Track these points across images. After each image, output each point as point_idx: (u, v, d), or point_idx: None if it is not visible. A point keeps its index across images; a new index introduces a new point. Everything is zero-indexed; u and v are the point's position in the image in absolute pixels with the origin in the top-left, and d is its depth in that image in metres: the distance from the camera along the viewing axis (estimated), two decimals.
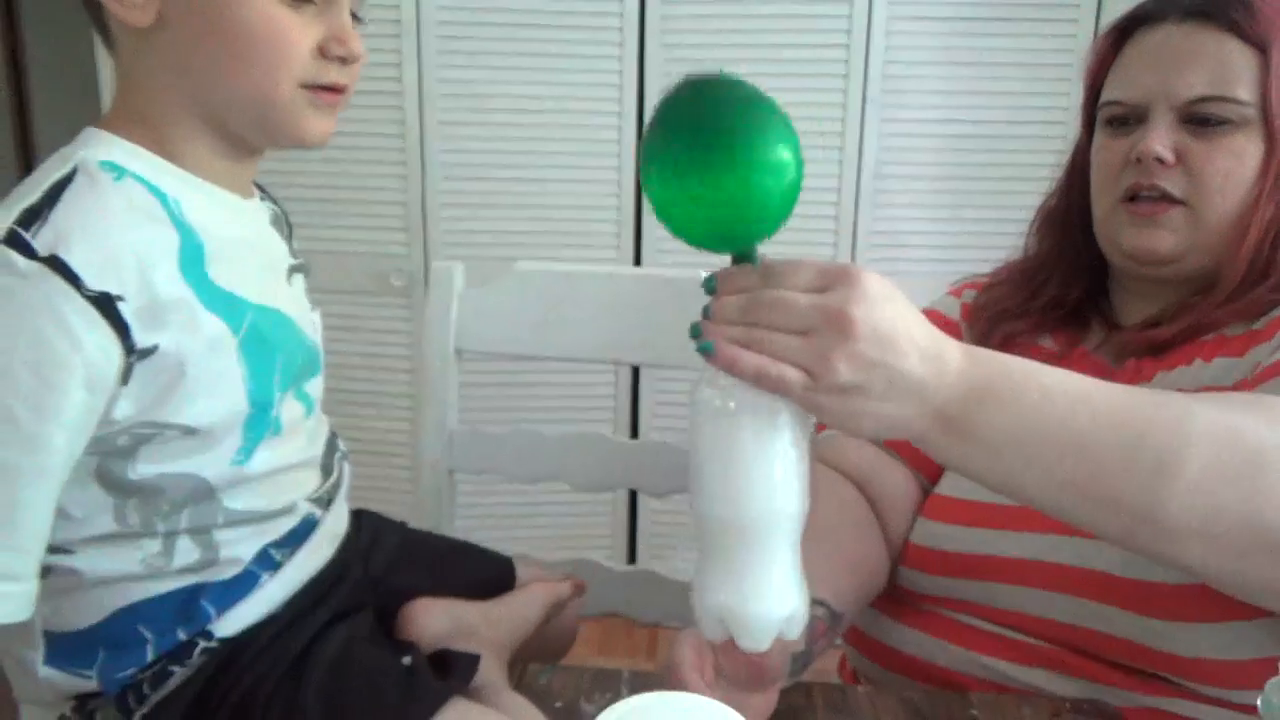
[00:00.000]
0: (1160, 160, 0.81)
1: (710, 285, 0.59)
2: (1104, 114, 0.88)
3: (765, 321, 0.57)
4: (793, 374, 0.56)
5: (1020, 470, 0.62)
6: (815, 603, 0.79)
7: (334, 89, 0.66)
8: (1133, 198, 0.84)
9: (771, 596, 0.59)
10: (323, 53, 0.64)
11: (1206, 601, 0.73)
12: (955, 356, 0.60)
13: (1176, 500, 0.61)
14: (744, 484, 0.57)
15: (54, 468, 0.57)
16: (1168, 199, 0.82)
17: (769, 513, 0.58)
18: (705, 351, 0.57)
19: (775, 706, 0.73)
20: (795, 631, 0.61)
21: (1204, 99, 0.80)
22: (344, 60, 0.65)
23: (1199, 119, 0.81)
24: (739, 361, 0.56)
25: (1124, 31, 0.88)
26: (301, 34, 0.63)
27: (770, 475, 0.58)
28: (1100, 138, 0.89)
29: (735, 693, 0.70)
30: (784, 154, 0.56)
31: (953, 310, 1.00)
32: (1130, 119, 0.85)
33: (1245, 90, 0.80)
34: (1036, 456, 0.61)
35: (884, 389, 0.57)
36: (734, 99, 0.57)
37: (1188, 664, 0.75)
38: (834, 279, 0.57)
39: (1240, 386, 0.77)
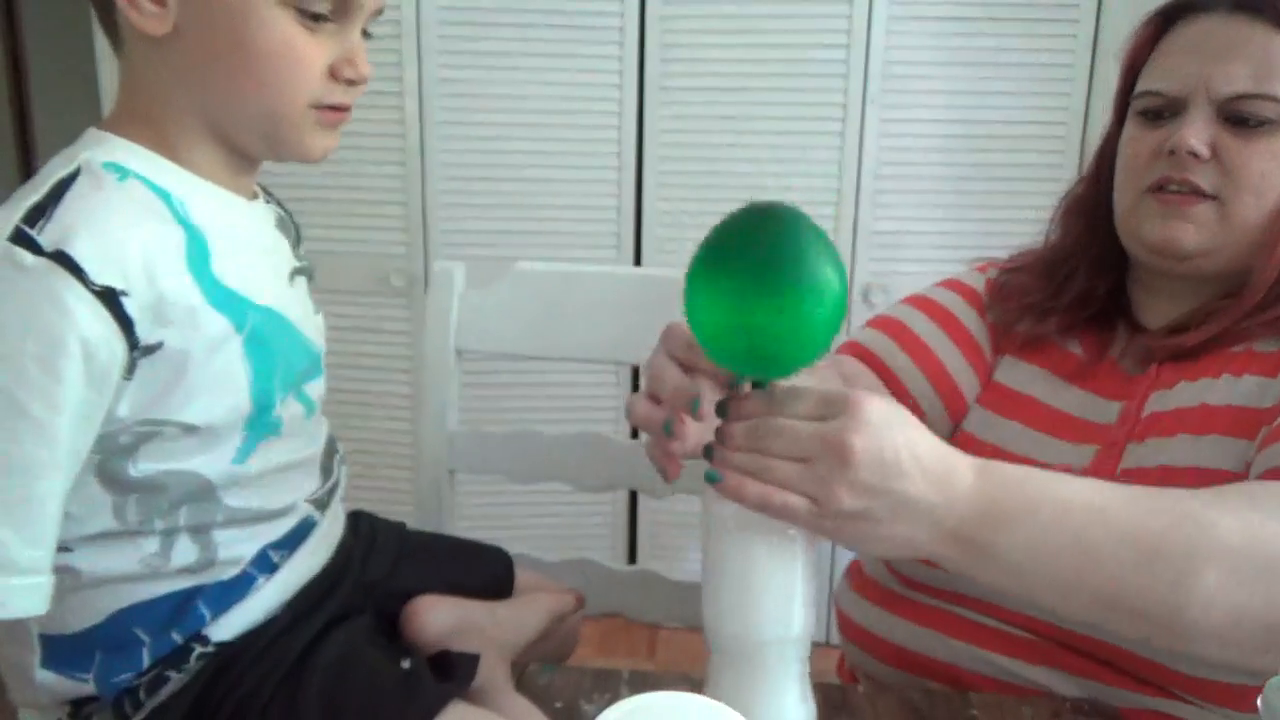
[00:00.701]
0: (1195, 155, 0.79)
1: (723, 411, 0.61)
2: (1138, 104, 0.85)
3: (769, 449, 0.58)
4: (797, 501, 0.57)
5: (1041, 585, 0.63)
6: None
7: (339, 108, 0.66)
8: (1160, 189, 0.82)
9: (781, 713, 0.60)
10: (333, 74, 0.65)
11: None
12: (965, 476, 0.61)
13: (1196, 609, 0.62)
14: (755, 605, 0.59)
15: (66, 459, 0.57)
16: (1198, 193, 0.80)
17: (779, 632, 0.59)
18: (712, 481, 0.59)
19: None
20: None
21: (1245, 96, 0.78)
22: (352, 82, 0.66)
23: (1238, 116, 0.79)
24: (742, 490, 0.58)
25: (1168, 19, 0.85)
26: (316, 55, 0.63)
27: (782, 597, 0.59)
28: (1131, 128, 0.86)
29: None
30: (834, 288, 0.56)
31: (978, 283, 0.98)
32: (1166, 111, 0.83)
33: None
34: (1055, 572, 0.62)
35: (890, 514, 0.58)
36: (792, 234, 0.56)
37: (1194, 683, 0.75)
38: (836, 407, 0.58)
39: (1271, 411, 0.76)
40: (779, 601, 0.59)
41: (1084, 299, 0.91)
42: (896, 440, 0.58)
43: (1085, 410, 0.87)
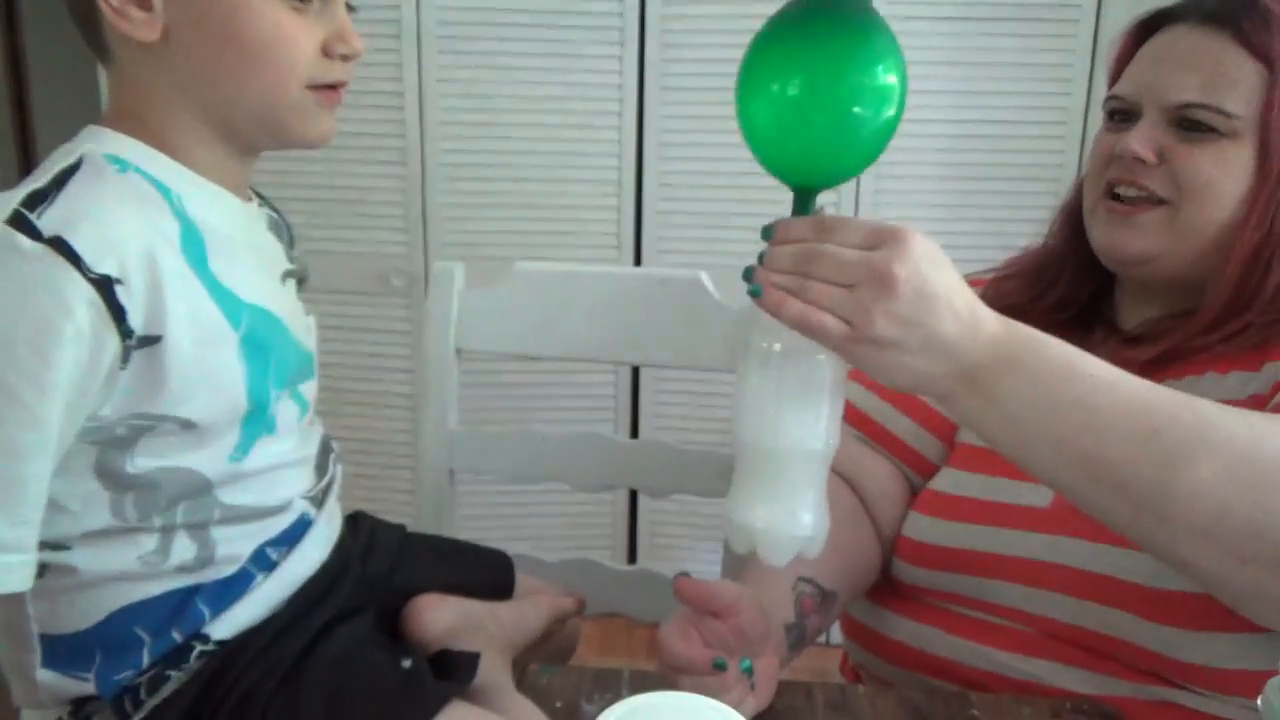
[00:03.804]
0: (1140, 160, 0.80)
1: (767, 233, 0.63)
2: (1106, 108, 0.88)
3: (814, 272, 0.60)
4: (833, 323, 0.60)
5: (1033, 440, 0.64)
6: (801, 580, 0.81)
7: (335, 87, 0.67)
8: (1114, 195, 0.83)
9: (797, 518, 0.64)
10: (326, 51, 0.66)
11: (1217, 610, 0.71)
12: (990, 324, 0.63)
13: (1183, 496, 0.62)
14: (783, 419, 0.63)
15: (53, 443, 0.58)
16: (1151, 200, 0.81)
17: (803, 446, 0.64)
18: (754, 295, 0.61)
19: (777, 674, 0.74)
20: (813, 552, 0.66)
21: (1192, 105, 0.79)
22: (345, 57, 0.67)
23: (1185, 123, 0.79)
24: (784, 306, 0.60)
25: (1148, 28, 0.86)
26: (306, 36, 0.65)
27: (806, 413, 0.63)
28: (1101, 130, 0.89)
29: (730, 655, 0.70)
30: (890, 78, 0.60)
31: None
32: (1128, 115, 0.84)
33: (1238, 104, 0.77)
34: (1050, 429, 0.63)
35: (919, 346, 0.60)
36: (859, 14, 0.61)
37: (1192, 670, 0.75)
38: (884, 238, 0.60)
39: (1256, 399, 0.76)
40: (803, 418, 0.63)
41: (1064, 303, 0.92)
42: (936, 278, 0.60)
43: None
